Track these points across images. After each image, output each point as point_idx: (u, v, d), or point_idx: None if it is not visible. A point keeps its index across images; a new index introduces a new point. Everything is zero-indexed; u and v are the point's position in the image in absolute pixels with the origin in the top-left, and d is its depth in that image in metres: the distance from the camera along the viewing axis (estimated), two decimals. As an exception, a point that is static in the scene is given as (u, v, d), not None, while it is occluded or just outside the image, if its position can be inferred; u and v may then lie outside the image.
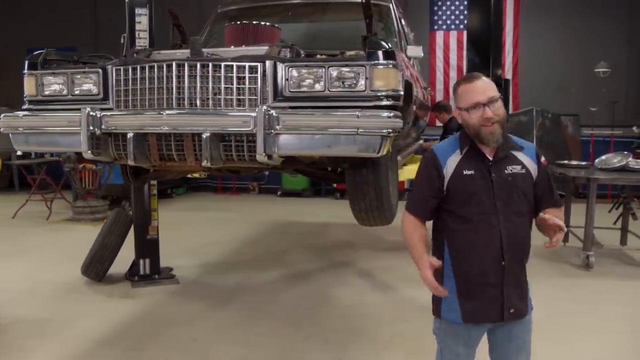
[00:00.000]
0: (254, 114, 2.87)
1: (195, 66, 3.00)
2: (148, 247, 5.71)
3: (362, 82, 2.88)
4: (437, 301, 2.47)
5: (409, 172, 5.48)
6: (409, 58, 4.75)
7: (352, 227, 6.40)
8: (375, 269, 6.20)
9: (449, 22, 11.33)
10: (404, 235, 2.43)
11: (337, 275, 6.03)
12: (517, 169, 2.34)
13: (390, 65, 2.91)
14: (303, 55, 3.23)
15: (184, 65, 3.00)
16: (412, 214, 2.43)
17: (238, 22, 3.83)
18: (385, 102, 2.90)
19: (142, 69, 3.10)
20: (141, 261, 5.68)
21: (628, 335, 4.38)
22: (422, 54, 4.81)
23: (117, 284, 5.63)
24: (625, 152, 6.74)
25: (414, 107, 4.22)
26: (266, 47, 3.21)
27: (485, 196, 2.30)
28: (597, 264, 6.14)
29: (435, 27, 11.44)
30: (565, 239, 7.20)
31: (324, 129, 2.85)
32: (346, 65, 2.91)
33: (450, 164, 2.35)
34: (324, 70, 2.91)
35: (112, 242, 5.58)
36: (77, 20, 12.93)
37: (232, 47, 3.55)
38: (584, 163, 6.89)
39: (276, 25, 3.93)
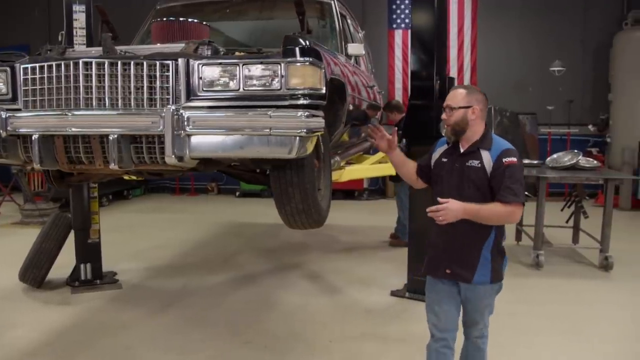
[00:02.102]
0: (162, 114, 2.75)
1: (104, 64, 2.85)
2: (89, 252, 5.54)
3: (277, 80, 2.77)
4: None
5: (353, 172, 5.36)
6: (350, 56, 4.67)
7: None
8: (325, 271, 6.11)
9: (407, 20, 11.11)
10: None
11: (285, 278, 5.93)
12: (475, 163, 2.83)
13: (307, 63, 2.80)
14: (222, 53, 3.10)
15: (91, 63, 2.86)
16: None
17: (164, 19, 3.70)
18: (302, 101, 2.79)
19: (50, 67, 2.95)
20: (82, 266, 5.51)
21: (571, 335, 4.33)
22: (363, 52, 4.77)
23: (56, 289, 5.45)
24: (576, 151, 6.81)
25: (350, 107, 4.13)
26: (182, 44, 3.08)
27: (445, 179, 2.92)
28: (547, 262, 6.14)
29: (394, 25, 11.32)
30: (518, 238, 7.23)
31: (235, 129, 2.73)
32: (261, 63, 2.80)
33: (438, 151, 3.04)
34: (238, 68, 2.80)
35: (50, 247, 5.40)
36: (30, 18, 12.59)
37: (158, 44, 3.43)
38: (535, 162, 6.92)
39: (205, 23, 3.79)
